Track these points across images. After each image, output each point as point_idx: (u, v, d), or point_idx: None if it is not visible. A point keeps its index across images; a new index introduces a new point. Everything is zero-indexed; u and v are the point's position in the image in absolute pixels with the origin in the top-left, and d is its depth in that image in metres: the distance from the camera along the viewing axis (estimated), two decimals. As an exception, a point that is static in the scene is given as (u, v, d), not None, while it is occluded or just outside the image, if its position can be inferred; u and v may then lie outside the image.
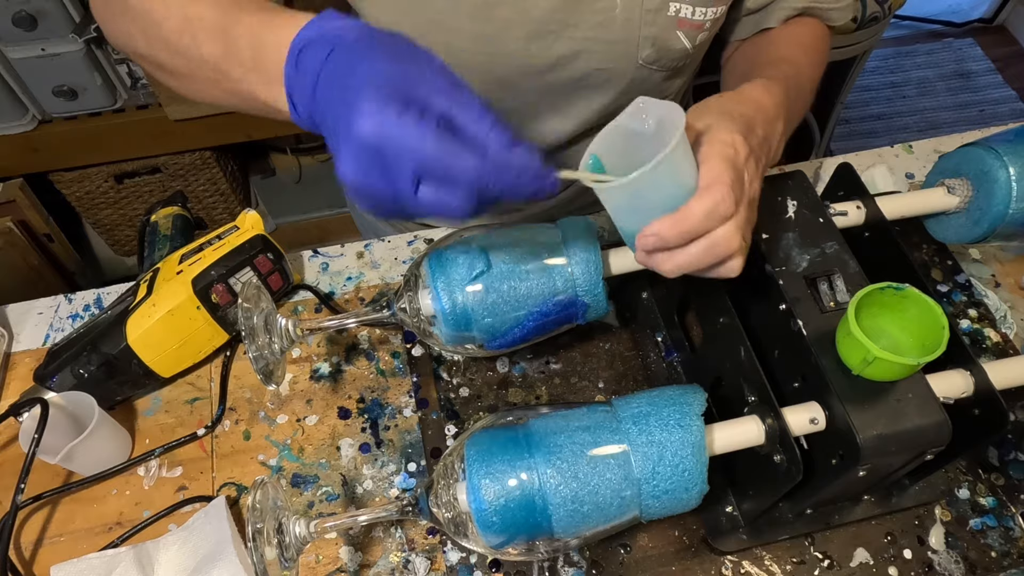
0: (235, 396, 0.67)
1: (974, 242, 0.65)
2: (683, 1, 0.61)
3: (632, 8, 0.60)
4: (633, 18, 0.61)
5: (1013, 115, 2.25)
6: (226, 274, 0.66)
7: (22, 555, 0.60)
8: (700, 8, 0.62)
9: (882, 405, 0.47)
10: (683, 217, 0.44)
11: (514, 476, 0.46)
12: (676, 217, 0.44)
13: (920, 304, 0.48)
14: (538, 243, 0.55)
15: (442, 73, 0.40)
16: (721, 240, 0.45)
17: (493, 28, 0.60)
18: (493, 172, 0.38)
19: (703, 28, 0.63)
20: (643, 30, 0.62)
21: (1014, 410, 0.62)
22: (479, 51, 0.62)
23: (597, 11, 0.60)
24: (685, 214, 0.44)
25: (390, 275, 0.75)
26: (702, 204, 0.44)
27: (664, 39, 0.63)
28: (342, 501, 0.61)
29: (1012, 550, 0.58)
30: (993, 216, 0.61)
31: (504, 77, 0.65)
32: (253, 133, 1.55)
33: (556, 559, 0.58)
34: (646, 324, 0.69)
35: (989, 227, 0.61)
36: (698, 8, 0.62)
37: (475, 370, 0.67)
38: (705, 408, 0.49)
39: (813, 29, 0.69)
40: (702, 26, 0.63)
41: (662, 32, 0.62)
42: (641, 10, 0.60)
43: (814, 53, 0.66)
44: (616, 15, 0.61)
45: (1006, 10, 2.46)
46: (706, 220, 0.44)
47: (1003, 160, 0.60)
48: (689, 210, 0.44)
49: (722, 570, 0.57)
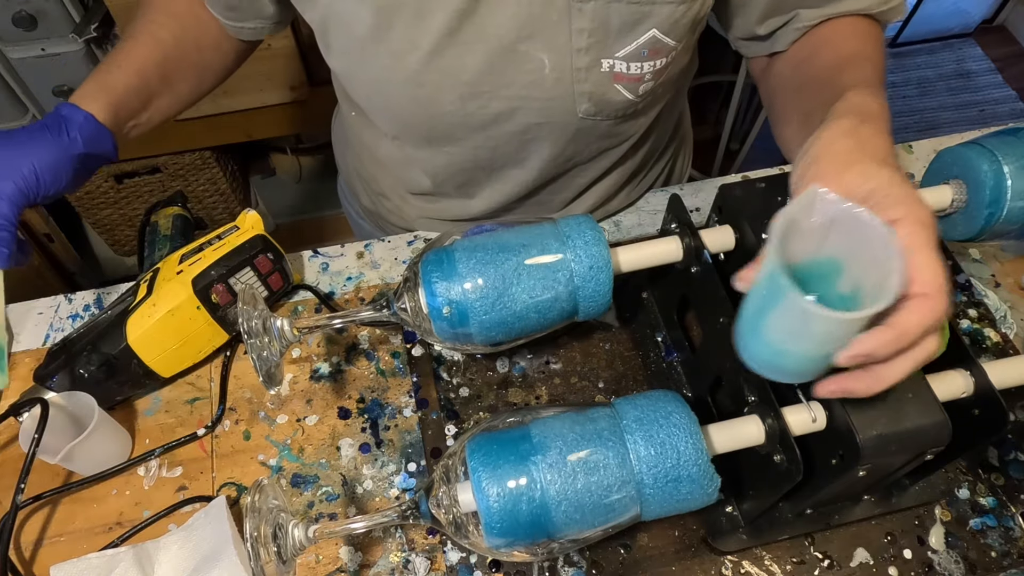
0: (235, 396, 0.67)
1: (971, 240, 0.65)
2: (615, 58, 0.58)
3: (562, 68, 0.58)
4: (564, 77, 0.59)
5: (1013, 115, 2.25)
6: (226, 274, 0.66)
7: (22, 555, 0.60)
8: (635, 63, 0.59)
9: (882, 405, 0.47)
10: (899, 337, 0.39)
11: (517, 478, 0.46)
12: (889, 337, 0.39)
13: (920, 304, 0.48)
14: (538, 238, 0.55)
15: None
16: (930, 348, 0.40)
17: (427, 92, 0.60)
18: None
19: (642, 80, 0.60)
20: (577, 87, 0.60)
21: (1014, 410, 0.63)
22: (418, 111, 0.63)
23: (526, 72, 0.59)
24: (902, 332, 0.39)
25: (390, 275, 0.75)
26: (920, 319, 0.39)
27: (601, 93, 0.61)
28: (342, 501, 0.61)
29: (1012, 550, 0.58)
30: (989, 214, 0.61)
31: (447, 133, 0.65)
32: (253, 133, 1.55)
33: (556, 559, 0.58)
34: (646, 324, 0.69)
35: (985, 224, 0.62)
36: (632, 63, 0.59)
37: (475, 370, 0.67)
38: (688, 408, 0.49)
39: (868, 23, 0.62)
40: (641, 79, 0.60)
41: (598, 88, 0.60)
42: (572, 69, 0.58)
43: (881, 49, 0.61)
44: (547, 75, 0.59)
45: (1006, 10, 2.46)
46: (921, 335, 0.40)
47: (998, 158, 0.60)
48: (906, 327, 0.39)
49: (722, 570, 0.57)
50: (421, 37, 0.57)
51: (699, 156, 2.14)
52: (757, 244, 0.55)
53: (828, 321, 0.39)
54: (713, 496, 0.48)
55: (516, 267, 0.53)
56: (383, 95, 0.64)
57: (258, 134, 1.56)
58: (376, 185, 0.83)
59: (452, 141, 0.67)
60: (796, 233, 0.42)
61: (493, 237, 0.56)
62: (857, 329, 0.40)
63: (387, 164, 0.77)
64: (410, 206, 0.81)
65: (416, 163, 0.72)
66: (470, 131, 0.65)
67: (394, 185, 0.80)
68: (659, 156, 0.82)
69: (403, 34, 0.57)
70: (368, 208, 0.89)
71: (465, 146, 0.67)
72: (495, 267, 0.53)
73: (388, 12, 0.56)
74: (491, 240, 0.55)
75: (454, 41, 0.57)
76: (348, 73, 0.65)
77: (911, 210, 0.40)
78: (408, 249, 0.77)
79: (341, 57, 0.63)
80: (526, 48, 0.58)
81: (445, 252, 0.55)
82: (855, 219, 0.40)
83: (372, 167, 0.81)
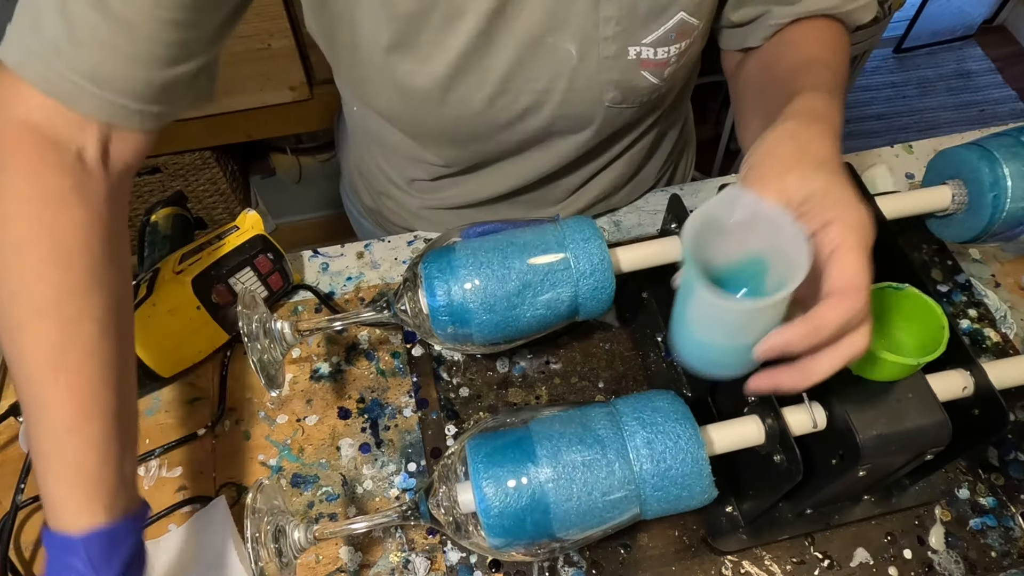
0: (235, 396, 0.67)
1: (972, 241, 0.65)
2: (642, 44, 0.58)
3: (589, 58, 0.58)
4: (591, 66, 0.59)
5: (1013, 115, 2.25)
6: (226, 274, 0.66)
7: (22, 555, 0.60)
8: (662, 48, 0.59)
9: (882, 405, 0.47)
10: (814, 330, 0.40)
11: (517, 478, 0.46)
12: (805, 329, 0.40)
13: (920, 304, 0.48)
14: (539, 238, 0.55)
15: None
16: (858, 346, 0.41)
17: (455, 95, 0.60)
18: None
19: (668, 64, 0.61)
20: (603, 75, 0.60)
21: (1014, 410, 0.63)
22: (444, 115, 0.62)
23: (554, 63, 0.59)
24: (817, 325, 0.40)
25: (390, 275, 0.75)
26: (835, 315, 0.40)
27: (628, 80, 0.61)
28: (342, 501, 0.61)
29: (1012, 550, 0.58)
30: (989, 215, 0.61)
31: (472, 132, 0.65)
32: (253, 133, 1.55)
33: (556, 559, 0.58)
34: (646, 324, 0.69)
35: (986, 226, 0.62)
36: (659, 48, 0.59)
37: (475, 370, 0.67)
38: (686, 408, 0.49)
39: (833, 28, 0.62)
40: (667, 63, 0.60)
41: (625, 75, 0.60)
42: (599, 58, 0.59)
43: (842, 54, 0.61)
44: (575, 65, 0.59)
45: (1006, 10, 2.46)
46: (837, 331, 0.40)
47: (998, 160, 0.61)
48: (822, 320, 0.40)
49: (722, 570, 0.57)
50: (450, 41, 0.56)
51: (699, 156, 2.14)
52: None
53: (733, 311, 0.41)
54: (711, 495, 0.48)
55: (517, 267, 0.53)
56: (406, 102, 0.62)
57: (258, 134, 1.56)
58: (378, 183, 0.82)
59: (475, 139, 0.66)
60: (719, 233, 0.43)
61: (493, 237, 0.56)
62: (772, 321, 0.41)
63: (395, 151, 0.75)
64: (413, 197, 0.80)
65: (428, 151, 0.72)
66: (496, 129, 0.64)
67: (400, 170, 0.78)
68: (664, 153, 0.82)
69: (431, 40, 0.56)
70: (370, 207, 0.88)
71: (488, 143, 0.67)
72: (496, 267, 0.53)
73: (416, 19, 0.55)
74: (491, 240, 0.55)
75: (484, 41, 0.56)
76: (367, 83, 0.62)
77: (843, 213, 0.41)
78: (408, 249, 0.77)
79: (359, 69, 0.61)
80: (554, 40, 0.57)
81: (445, 253, 0.55)
82: (770, 218, 0.42)
83: (378, 158, 0.80)
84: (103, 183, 0.49)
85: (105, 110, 0.48)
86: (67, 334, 0.44)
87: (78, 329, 0.44)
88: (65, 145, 0.47)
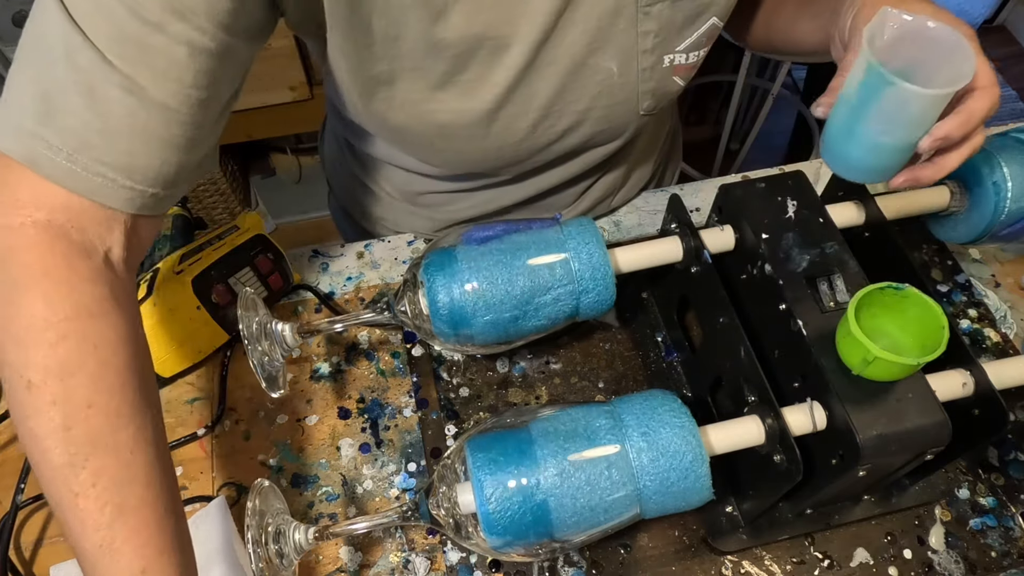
0: (235, 396, 0.67)
1: (972, 242, 0.65)
2: (676, 51, 0.60)
3: (629, 72, 0.59)
4: (630, 79, 0.60)
5: (1013, 115, 2.25)
6: (226, 274, 0.66)
7: (22, 555, 0.60)
8: (693, 52, 0.60)
9: (882, 405, 0.47)
10: (967, 119, 0.47)
11: (517, 478, 0.46)
12: (961, 119, 0.47)
13: (920, 304, 0.48)
14: (539, 238, 0.55)
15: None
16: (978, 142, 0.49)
17: (498, 126, 0.60)
18: None
19: (696, 67, 0.63)
20: (641, 86, 0.61)
21: (1014, 410, 0.63)
22: (486, 147, 0.62)
23: (596, 83, 0.60)
24: (969, 115, 0.47)
25: (390, 275, 0.75)
26: (983, 105, 0.47)
27: (663, 88, 0.62)
28: (342, 501, 0.61)
29: (1012, 550, 0.58)
30: (989, 216, 0.61)
31: (512, 159, 0.65)
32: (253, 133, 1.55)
33: (556, 559, 0.58)
34: (646, 324, 0.69)
35: (986, 227, 0.62)
36: (691, 53, 0.60)
37: (475, 370, 0.67)
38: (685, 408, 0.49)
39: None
40: (695, 66, 0.62)
41: (660, 83, 0.61)
42: (638, 71, 0.60)
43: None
44: (615, 81, 0.60)
45: (1006, 10, 2.46)
46: (982, 120, 0.47)
47: (997, 159, 0.61)
48: (972, 110, 0.47)
49: (722, 570, 0.57)
50: (497, 75, 0.56)
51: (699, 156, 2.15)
52: (757, 244, 0.55)
53: (925, 99, 0.45)
54: (709, 494, 0.48)
55: (517, 268, 0.53)
56: (447, 137, 0.61)
57: (258, 134, 1.56)
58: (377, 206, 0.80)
59: (512, 163, 0.66)
60: None
61: (493, 238, 0.56)
62: (938, 114, 0.47)
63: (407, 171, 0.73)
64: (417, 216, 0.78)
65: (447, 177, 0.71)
66: (534, 152, 0.65)
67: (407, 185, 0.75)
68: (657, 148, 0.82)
69: (477, 75, 0.55)
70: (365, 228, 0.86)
71: (524, 164, 0.67)
72: (496, 268, 0.53)
73: (465, 57, 0.54)
74: (492, 241, 0.55)
75: (529, 71, 0.56)
76: (405, 126, 0.60)
77: (962, 28, 0.47)
78: (408, 249, 0.77)
79: (398, 111, 0.58)
80: (595, 60, 0.58)
81: (446, 253, 0.55)
82: (923, 29, 0.46)
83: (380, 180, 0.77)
84: (129, 282, 0.46)
85: (136, 201, 0.45)
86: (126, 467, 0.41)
87: (136, 459, 0.42)
88: (93, 247, 0.44)
